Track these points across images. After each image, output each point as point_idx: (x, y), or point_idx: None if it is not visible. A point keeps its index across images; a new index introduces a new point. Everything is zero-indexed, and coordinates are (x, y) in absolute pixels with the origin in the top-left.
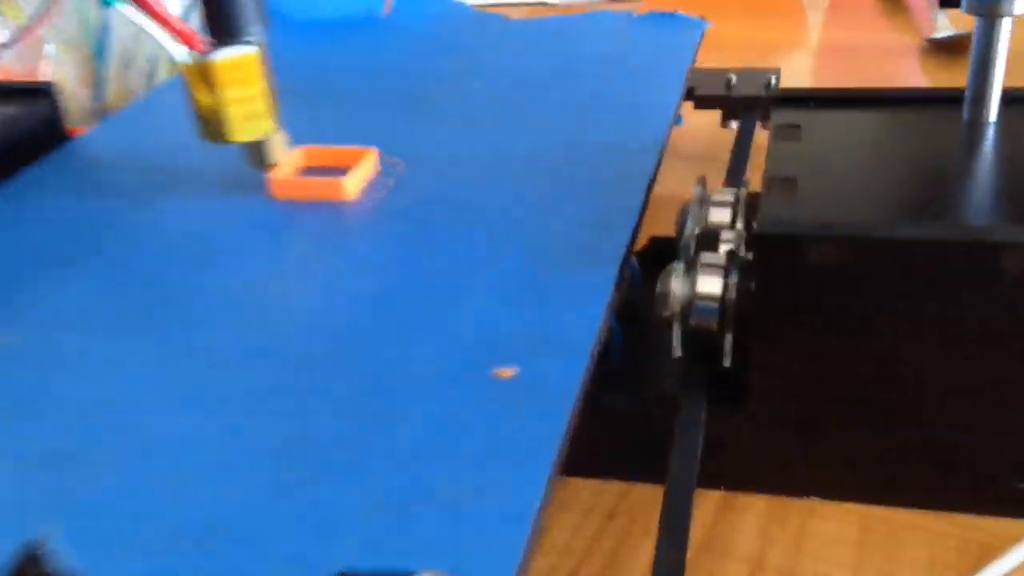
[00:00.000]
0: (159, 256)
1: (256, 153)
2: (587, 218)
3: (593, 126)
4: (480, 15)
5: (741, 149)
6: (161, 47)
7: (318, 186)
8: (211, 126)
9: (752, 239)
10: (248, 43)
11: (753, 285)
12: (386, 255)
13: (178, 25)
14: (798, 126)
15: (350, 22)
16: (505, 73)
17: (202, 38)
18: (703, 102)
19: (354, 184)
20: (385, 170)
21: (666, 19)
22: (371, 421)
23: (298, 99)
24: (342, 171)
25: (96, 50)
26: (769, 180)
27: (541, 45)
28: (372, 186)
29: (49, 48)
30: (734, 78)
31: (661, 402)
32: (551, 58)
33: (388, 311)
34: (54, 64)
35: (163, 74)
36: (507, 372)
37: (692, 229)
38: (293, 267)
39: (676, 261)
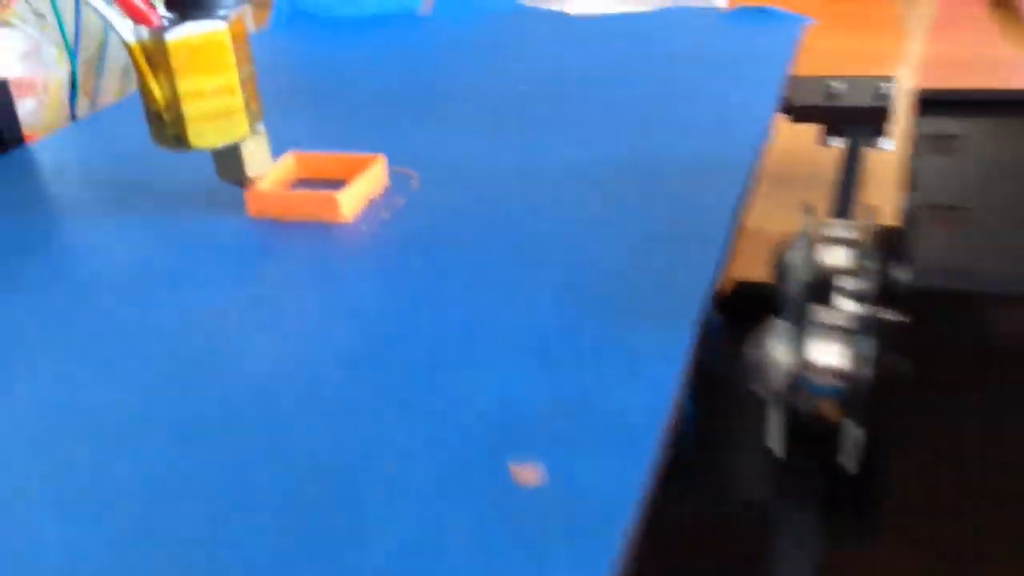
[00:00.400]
0: (86, 288)
1: (227, 164)
2: (653, 253)
3: (666, 136)
4: (536, 11)
5: (851, 170)
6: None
7: (305, 203)
8: (166, 127)
9: (897, 293)
10: (219, 17)
11: (895, 357)
12: (379, 295)
13: None
14: (954, 136)
15: (384, 19)
16: (559, 75)
17: (159, 12)
18: (802, 114)
19: (351, 201)
20: (395, 184)
21: (759, 15)
22: (323, 543)
23: (308, 100)
24: (341, 184)
25: (99, 57)
26: (921, 210)
27: (606, 44)
28: (376, 204)
29: (49, 52)
30: (838, 86)
31: (749, 513)
32: (617, 59)
33: (367, 374)
34: (52, 69)
35: None
36: (529, 474)
37: (799, 274)
38: (252, 309)
39: (776, 317)
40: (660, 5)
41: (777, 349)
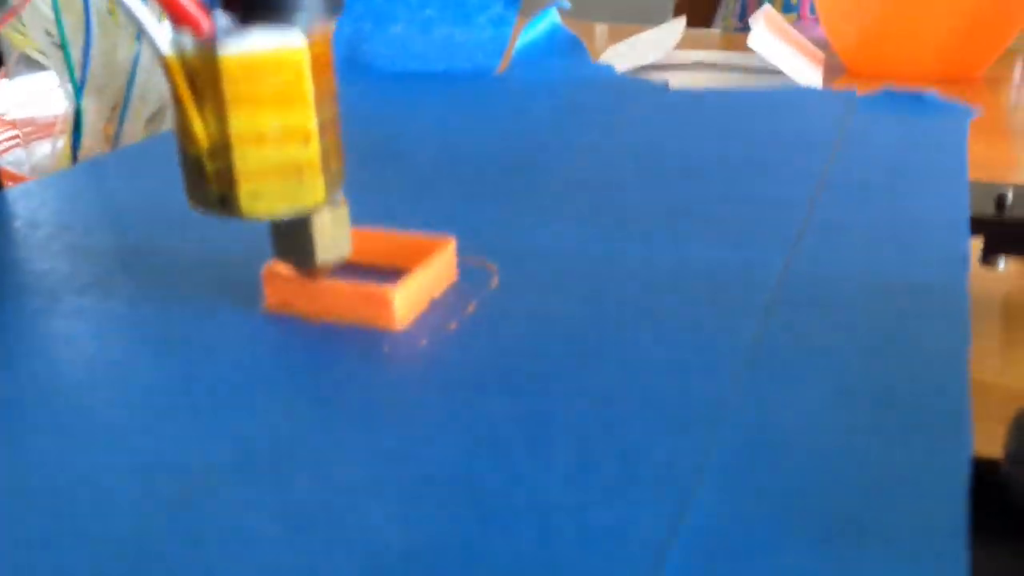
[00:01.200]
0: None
1: (289, 242)
2: (859, 420)
3: (831, 246)
4: (636, 82)
5: None
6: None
7: (343, 298)
8: (210, 182)
9: None
10: (293, 26)
11: None
12: (422, 463)
13: None
14: None
15: (455, 78)
16: (675, 158)
17: (212, 14)
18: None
19: (409, 300)
20: (469, 277)
21: (912, 103)
22: None
23: (361, 165)
24: (395, 275)
25: (125, 95)
26: None
27: (724, 124)
28: (440, 306)
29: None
30: (1011, 194)
31: None
32: (744, 143)
33: None
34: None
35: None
36: None
37: None
38: (243, 462)
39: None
40: (764, 80)
41: None
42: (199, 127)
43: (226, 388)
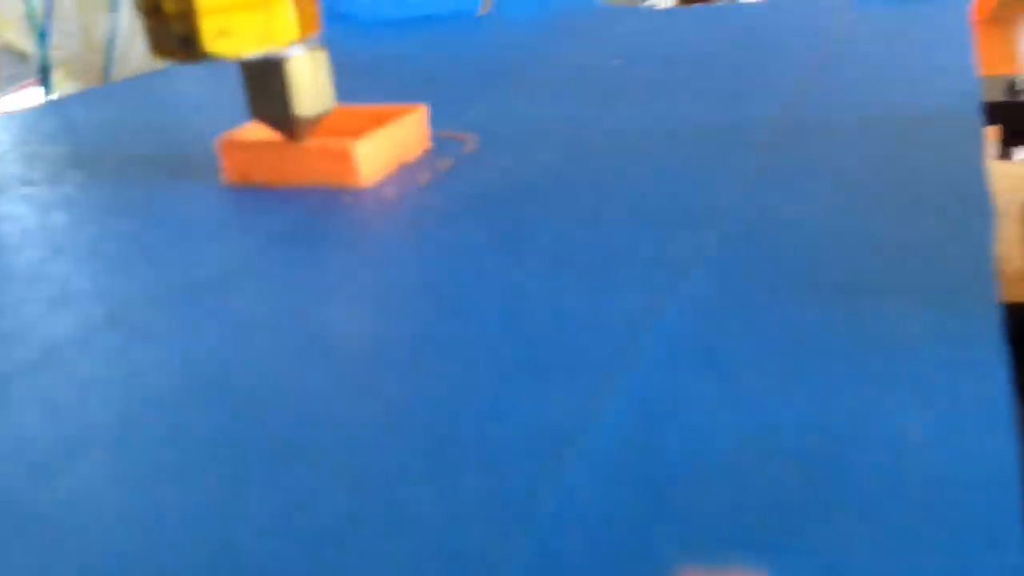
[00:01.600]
0: None
1: (263, 90)
2: (872, 213)
3: (836, 96)
4: (622, 8)
5: None
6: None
7: (301, 159)
8: (170, 24)
9: None
10: None
11: None
12: (385, 277)
13: None
14: None
15: (437, 21)
16: (665, 55)
17: None
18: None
19: (372, 156)
20: (440, 147)
21: None
22: None
23: (351, 83)
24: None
25: (103, 74)
26: None
27: (721, 30)
28: (412, 169)
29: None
30: (1022, 79)
31: None
32: (740, 41)
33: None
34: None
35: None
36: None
37: None
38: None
39: None
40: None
41: None
42: None
43: (177, 237)
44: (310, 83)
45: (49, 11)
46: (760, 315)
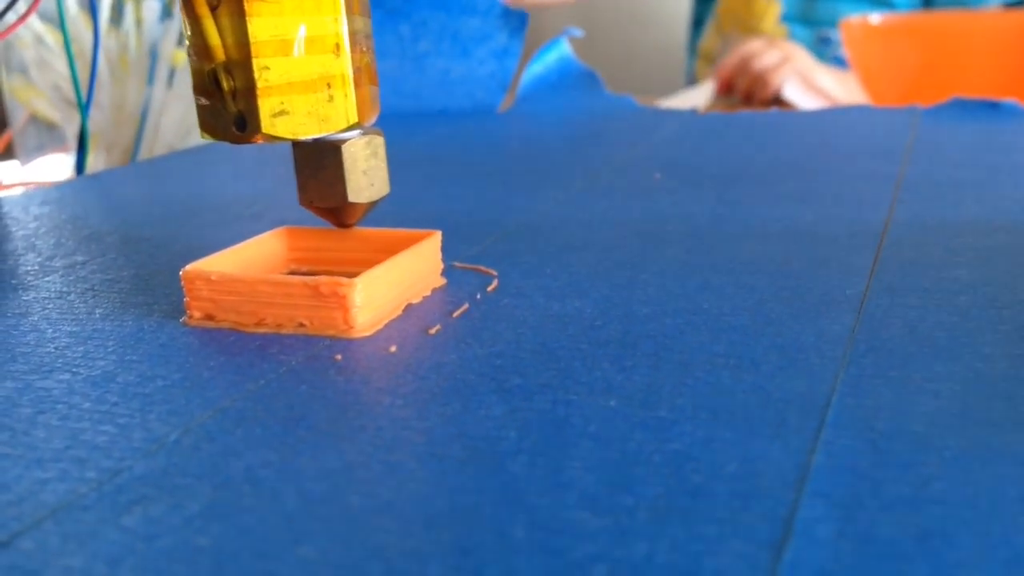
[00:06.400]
0: None
1: (315, 175)
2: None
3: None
4: (662, 111)
5: None
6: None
7: (282, 298)
8: (226, 100)
9: None
10: None
11: None
12: (368, 491)
13: None
14: None
15: (454, 117)
16: (713, 170)
17: None
18: None
19: (372, 298)
20: (453, 281)
21: (984, 111)
22: None
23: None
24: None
25: (134, 148)
26: None
27: (779, 141)
28: (419, 312)
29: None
30: None
31: None
32: (803, 155)
33: None
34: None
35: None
36: None
37: None
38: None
39: None
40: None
41: None
42: (214, 37)
43: (94, 407)
44: (364, 167)
45: (92, 82)
46: None
